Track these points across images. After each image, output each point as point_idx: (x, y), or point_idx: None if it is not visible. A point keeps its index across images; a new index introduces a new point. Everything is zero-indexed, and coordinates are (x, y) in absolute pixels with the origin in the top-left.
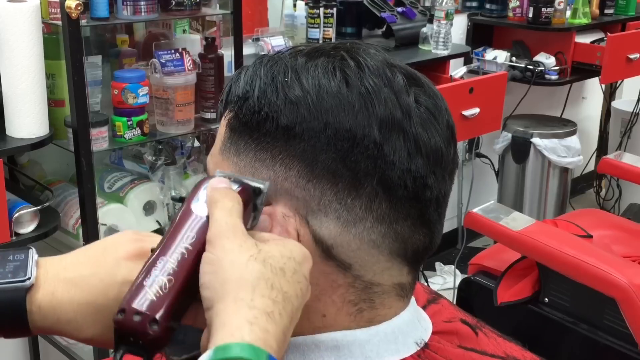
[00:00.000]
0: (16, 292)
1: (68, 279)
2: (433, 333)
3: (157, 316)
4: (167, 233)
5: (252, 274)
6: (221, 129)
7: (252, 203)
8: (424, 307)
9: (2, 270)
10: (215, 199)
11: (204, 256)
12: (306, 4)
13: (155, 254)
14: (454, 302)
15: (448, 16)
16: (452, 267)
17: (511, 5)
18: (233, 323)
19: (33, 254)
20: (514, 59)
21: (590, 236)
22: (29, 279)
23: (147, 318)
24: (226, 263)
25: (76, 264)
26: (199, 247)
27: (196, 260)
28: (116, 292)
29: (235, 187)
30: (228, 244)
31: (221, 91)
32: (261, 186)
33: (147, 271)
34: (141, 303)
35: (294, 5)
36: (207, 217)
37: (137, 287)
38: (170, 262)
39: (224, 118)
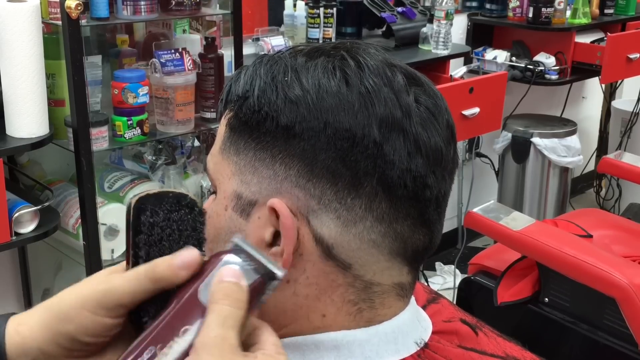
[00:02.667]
0: None
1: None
2: (433, 333)
3: None
4: (166, 314)
5: None
6: (221, 128)
7: (263, 291)
8: (423, 307)
9: None
10: (215, 298)
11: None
12: (306, 4)
13: (149, 332)
14: (454, 302)
15: (448, 16)
16: (452, 267)
17: (511, 5)
18: None
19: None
20: (514, 58)
21: (590, 236)
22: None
23: None
24: None
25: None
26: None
27: None
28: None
29: (247, 279)
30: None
31: (221, 91)
32: (278, 273)
33: (133, 346)
34: None
35: (294, 5)
36: None
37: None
38: (159, 356)
39: (224, 117)
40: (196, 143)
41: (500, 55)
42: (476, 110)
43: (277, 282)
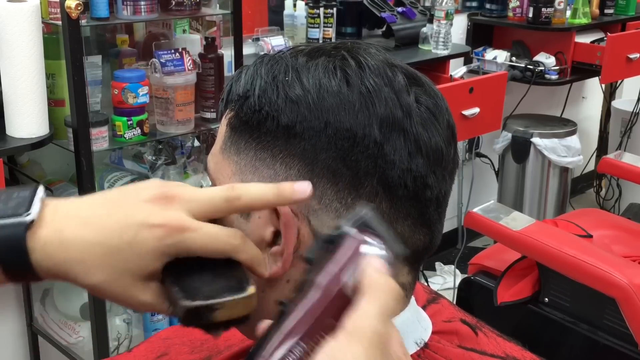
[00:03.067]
0: (15, 228)
1: (80, 218)
2: (433, 333)
3: None
4: (309, 299)
5: None
6: (222, 128)
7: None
8: (423, 307)
9: (3, 206)
10: (374, 287)
11: (333, 345)
12: (306, 4)
13: (297, 322)
14: (454, 302)
15: (448, 16)
16: (452, 267)
17: (511, 5)
18: None
19: (39, 190)
20: (514, 58)
21: (590, 236)
22: (29, 214)
23: None
24: None
25: (91, 204)
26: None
27: None
28: (132, 234)
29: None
30: (362, 355)
31: (221, 91)
32: (400, 251)
33: (280, 342)
34: None
35: (294, 5)
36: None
37: (276, 347)
38: (306, 347)
39: (225, 117)
40: (196, 143)
41: (500, 55)
42: (476, 110)
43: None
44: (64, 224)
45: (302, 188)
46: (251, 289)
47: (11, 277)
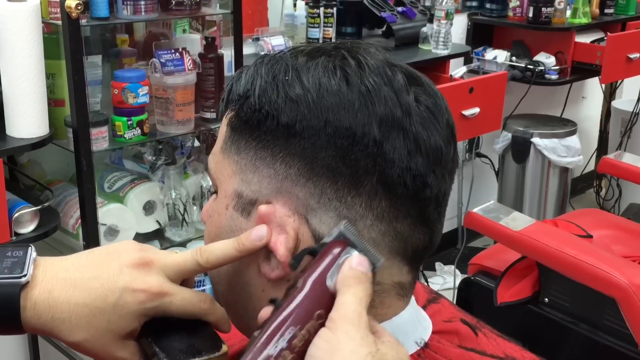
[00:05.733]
0: (11, 288)
1: (68, 280)
2: (433, 333)
3: None
4: (297, 296)
5: None
6: (222, 128)
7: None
8: (424, 307)
9: None
10: (349, 283)
11: (323, 332)
12: (306, 3)
13: (285, 315)
14: (454, 302)
15: (448, 16)
16: (452, 267)
17: (511, 5)
18: None
19: (31, 251)
20: (514, 58)
21: (590, 236)
22: (25, 275)
23: None
24: (345, 349)
25: (78, 266)
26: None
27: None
28: (116, 297)
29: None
30: (352, 331)
31: (221, 91)
32: (380, 262)
33: (273, 334)
34: None
35: (294, 5)
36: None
37: (263, 350)
38: (297, 337)
39: (225, 117)
40: (196, 143)
41: (500, 55)
42: (476, 110)
43: (377, 270)
44: (53, 284)
45: (259, 235)
46: (224, 347)
47: None
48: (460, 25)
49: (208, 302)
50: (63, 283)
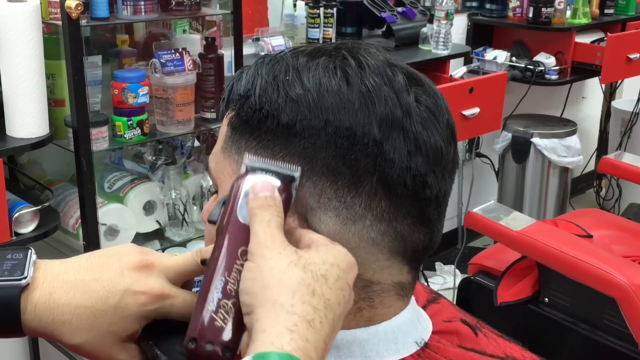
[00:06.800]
0: (11, 290)
1: (68, 282)
2: (433, 333)
3: (229, 343)
4: (217, 246)
5: (292, 279)
6: (223, 127)
7: (290, 194)
8: (424, 307)
9: None
10: (254, 213)
11: (246, 264)
12: (306, 4)
13: (211, 271)
14: (454, 302)
15: (448, 16)
16: (452, 267)
17: (511, 5)
18: (273, 330)
19: (31, 254)
20: (514, 58)
21: (590, 236)
22: (25, 278)
23: (220, 345)
24: (265, 269)
25: (78, 268)
26: None
27: None
28: (117, 299)
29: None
30: (267, 252)
31: (221, 91)
32: (295, 174)
33: (206, 292)
34: (212, 331)
35: (294, 5)
36: None
37: (202, 312)
38: (230, 282)
39: (226, 117)
40: (196, 143)
41: (500, 55)
42: (476, 110)
43: (297, 182)
44: (54, 287)
45: None
46: None
47: None
48: (460, 25)
49: None
50: (64, 285)
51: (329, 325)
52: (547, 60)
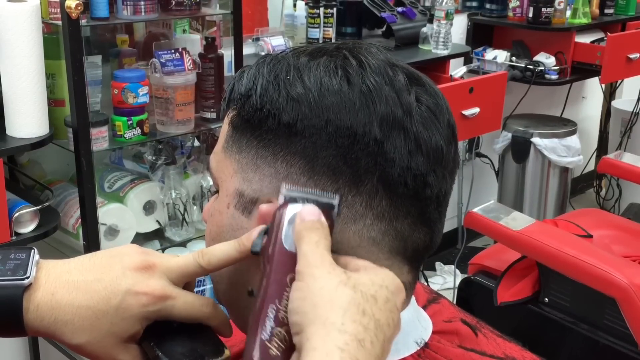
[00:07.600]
0: (14, 290)
1: (71, 282)
2: (433, 333)
3: None
4: (265, 275)
5: (342, 298)
6: (224, 127)
7: (332, 221)
8: (424, 307)
9: (2, 267)
10: (301, 235)
11: (294, 284)
12: (306, 4)
13: (261, 299)
14: (454, 302)
15: (448, 16)
16: (452, 267)
17: (511, 5)
18: (323, 348)
19: (34, 254)
20: (514, 58)
21: (590, 236)
22: (27, 277)
23: None
24: (315, 288)
25: (80, 268)
26: None
27: None
28: (119, 300)
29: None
30: (317, 272)
31: (221, 91)
32: (334, 202)
33: (257, 320)
34: None
35: (294, 5)
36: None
37: (256, 341)
38: (281, 310)
39: (227, 116)
40: (196, 143)
41: (500, 55)
42: (476, 110)
43: (336, 209)
44: (56, 287)
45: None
46: (227, 352)
47: (1, 332)
48: (460, 25)
49: (210, 306)
50: (66, 285)
51: (380, 346)
52: (547, 60)
